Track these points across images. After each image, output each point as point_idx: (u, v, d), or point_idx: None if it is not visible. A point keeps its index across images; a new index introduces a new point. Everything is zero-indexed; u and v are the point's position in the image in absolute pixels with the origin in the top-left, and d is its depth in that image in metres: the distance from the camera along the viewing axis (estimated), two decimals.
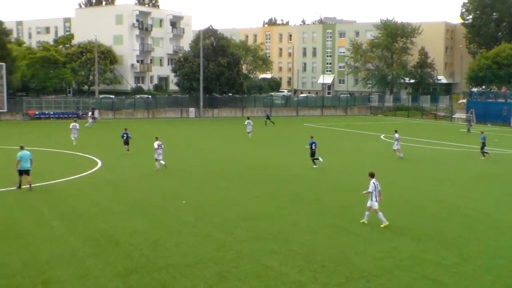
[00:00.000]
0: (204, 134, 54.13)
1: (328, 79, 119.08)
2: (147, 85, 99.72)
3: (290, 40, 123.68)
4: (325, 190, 25.63)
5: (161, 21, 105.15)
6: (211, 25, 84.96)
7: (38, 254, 15.91)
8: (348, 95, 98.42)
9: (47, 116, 70.21)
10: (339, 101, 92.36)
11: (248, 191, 25.75)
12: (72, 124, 43.89)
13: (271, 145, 44.91)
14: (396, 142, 37.34)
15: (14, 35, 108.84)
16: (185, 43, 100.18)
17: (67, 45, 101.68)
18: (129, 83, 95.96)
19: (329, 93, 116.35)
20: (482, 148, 38.41)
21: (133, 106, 77.43)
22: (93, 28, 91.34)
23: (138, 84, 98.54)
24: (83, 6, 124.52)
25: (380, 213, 19.39)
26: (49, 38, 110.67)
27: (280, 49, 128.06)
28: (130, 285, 13.80)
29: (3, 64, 67.77)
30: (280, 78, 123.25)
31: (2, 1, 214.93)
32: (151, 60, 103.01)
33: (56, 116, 69.77)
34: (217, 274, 14.56)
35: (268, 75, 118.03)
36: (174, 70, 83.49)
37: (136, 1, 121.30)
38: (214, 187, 26.77)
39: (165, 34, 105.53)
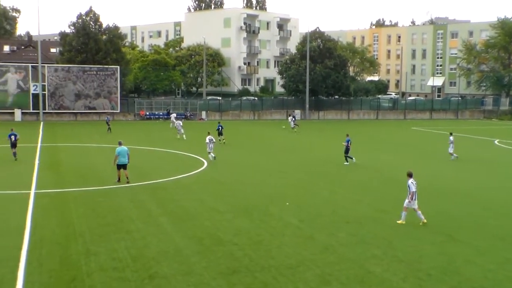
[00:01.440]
0: (310, 136, 53.94)
1: (438, 81, 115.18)
2: (253, 87, 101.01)
3: (399, 41, 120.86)
4: (427, 196, 24.66)
5: (268, 23, 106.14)
6: (318, 27, 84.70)
7: (145, 249, 16.44)
8: (459, 98, 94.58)
9: (157, 116, 72.90)
10: (449, 104, 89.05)
11: (350, 194, 25.34)
12: (176, 122, 47.46)
13: (375, 148, 43.97)
14: (451, 145, 37.18)
15: (129, 39, 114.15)
16: (292, 45, 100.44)
17: (177, 48, 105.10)
18: (236, 85, 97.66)
19: (439, 96, 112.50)
20: None
21: (239, 108, 78.69)
22: (202, 32, 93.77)
23: (245, 86, 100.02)
24: (192, 10, 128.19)
25: (419, 212, 19.52)
26: (160, 42, 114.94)
27: (388, 51, 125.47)
28: (233, 283, 13.92)
29: (118, 67, 71.20)
30: (388, 81, 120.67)
31: (118, 8, 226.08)
32: (257, 62, 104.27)
33: (165, 117, 72.25)
34: (319, 277, 14.38)
35: (375, 78, 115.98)
36: (280, 72, 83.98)
37: (244, 5, 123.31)
38: (317, 188, 26.58)
39: (272, 37, 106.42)
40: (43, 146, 41.50)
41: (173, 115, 61.83)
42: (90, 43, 72.15)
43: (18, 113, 67.81)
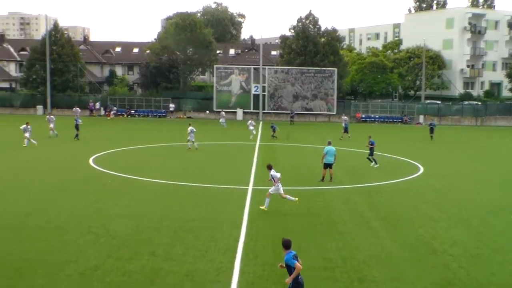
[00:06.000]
0: None
1: None
2: (476, 91, 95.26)
3: None
4: None
5: (496, 23, 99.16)
6: None
7: (356, 252, 16.25)
8: None
9: (372, 119, 72.34)
10: None
11: None
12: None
13: None
14: None
15: (346, 42, 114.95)
16: None
17: (395, 50, 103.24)
18: (457, 89, 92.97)
19: None
20: None
21: (460, 113, 74.92)
22: (422, 33, 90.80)
23: (467, 90, 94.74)
24: (412, 11, 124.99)
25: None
26: (378, 44, 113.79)
27: None
28: None
29: (335, 69, 72.08)
30: None
31: (337, 11, 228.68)
32: (482, 64, 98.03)
33: (381, 120, 71.38)
34: None
35: None
36: (508, 75, 78.00)
37: (469, 3, 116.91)
38: None
39: (500, 37, 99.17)
40: (261, 144, 43.47)
41: None
42: (309, 46, 74.04)
43: (240, 112, 72.13)
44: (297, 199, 21.58)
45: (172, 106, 73.95)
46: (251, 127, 48.49)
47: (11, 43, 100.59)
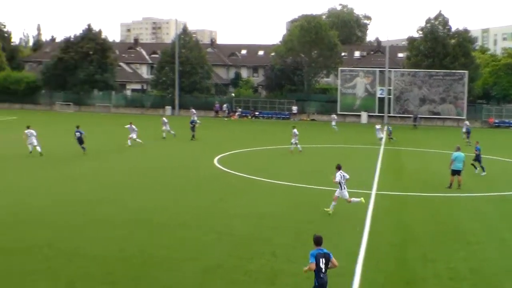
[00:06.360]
0: None
1: None
2: None
3: None
4: None
5: None
6: None
7: (486, 264, 15.31)
8: None
9: (507, 125, 68.36)
10: None
11: None
12: None
13: None
14: None
15: (479, 42, 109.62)
16: None
17: None
18: None
19: None
20: None
21: None
22: None
23: None
24: None
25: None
26: None
27: None
28: None
29: (466, 71, 68.93)
30: None
31: (469, 11, 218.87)
32: None
33: None
34: None
35: None
36: None
37: None
38: None
39: None
40: (386, 148, 42.44)
41: None
42: (438, 48, 71.42)
43: (364, 115, 71.03)
44: (362, 198, 20.89)
45: (294, 108, 74.30)
46: (380, 135, 46.23)
47: (143, 46, 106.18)
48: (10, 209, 20.27)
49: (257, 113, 75.37)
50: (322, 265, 10.79)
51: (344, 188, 20.30)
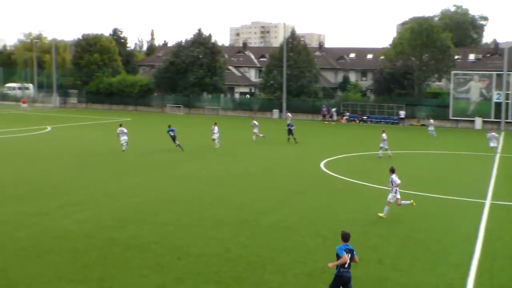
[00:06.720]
0: None
1: None
2: None
3: None
4: None
5: None
6: None
7: None
8: None
9: None
10: None
11: None
12: None
13: None
14: None
15: None
16: None
17: None
18: None
19: None
20: None
21: None
22: None
23: None
24: None
25: None
26: None
27: None
28: None
29: None
30: None
31: None
32: None
33: None
34: None
35: None
36: None
37: None
38: None
39: None
40: (502, 156, 40.35)
41: None
42: None
43: (478, 121, 67.95)
44: (412, 201, 20.41)
45: (402, 113, 72.44)
46: (492, 144, 41.56)
47: (252, 50, 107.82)
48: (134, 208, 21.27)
49: (364, 117, 74.26)
50: (348, 260, 11.83)
51: (397, 192, 20.16)
